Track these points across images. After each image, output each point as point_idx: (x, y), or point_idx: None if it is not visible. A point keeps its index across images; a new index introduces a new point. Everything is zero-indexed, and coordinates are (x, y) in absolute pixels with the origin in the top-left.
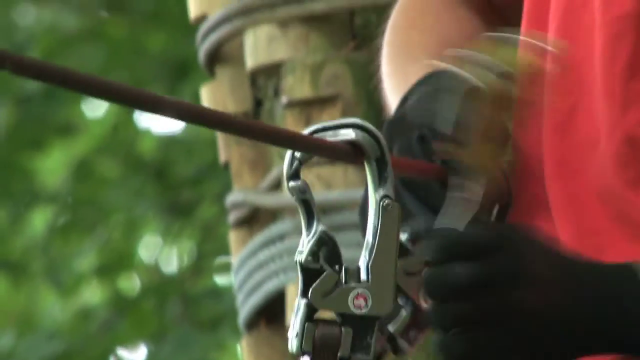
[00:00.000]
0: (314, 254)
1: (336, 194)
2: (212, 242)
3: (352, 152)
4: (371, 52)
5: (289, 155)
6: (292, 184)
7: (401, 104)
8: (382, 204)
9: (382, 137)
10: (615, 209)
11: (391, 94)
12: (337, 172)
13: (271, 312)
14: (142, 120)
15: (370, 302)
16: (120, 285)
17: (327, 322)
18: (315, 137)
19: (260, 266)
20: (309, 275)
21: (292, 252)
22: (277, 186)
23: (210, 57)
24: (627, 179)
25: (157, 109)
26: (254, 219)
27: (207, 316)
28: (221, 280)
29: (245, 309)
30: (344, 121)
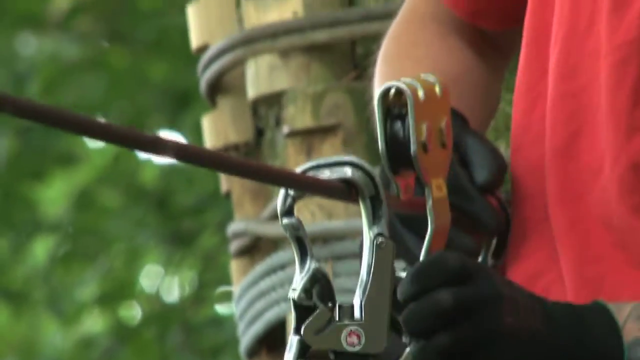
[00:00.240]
0: (307, 290)
1: (337, 224)
2: (213, 271)
3: (346, 190)
4: (370, 81)
5: (282, 192)
6: (285, 221)
7: None
8: (376, 242)
9: (377, 176)
10: (619, 236)
11: None
12: (338, 202)
13: (272, 341)
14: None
15: (363, 340)
16: (121, 314)
17: (320, 357)
18: (310, 175)
19: (261, 295)
20: (302, 312)
21: (293, 280)
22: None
23: (211, 86)
24: (632, 205)
25: (156, 149)
26: (255, 249)
27: (208, 345)
28: (222, 309)
29: (246, 338)
30: (339, 159)
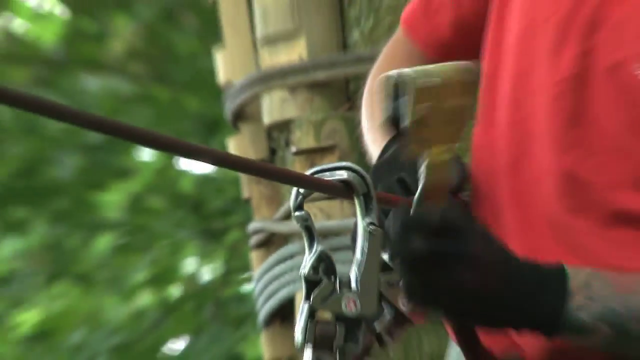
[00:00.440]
0: (315, 268)
1: (334, 223)
2: (237, 260)
3: (344, 189)
4: (360, 111)
5: (294, 191)
6: (297, 214)
7: (382, 154)
8: (369, 229)
9: (368, 177)
10: (557, 231)
11: (370, 145)
12: (335, 205)
13: (284, 314)
14: (182, 164)
15: (359, 306)
16: (166, 292)
17: (325, 321)
18: (315, 177)
19: (274, 278)
20: (311, 284)
21: (300, 267)
22: (288, 216)
23: (235, 115)
24: (567, 207)
25: (196, 155)
26: (270, 242)
27: (233, 317)
28: (244, 289)
29: (263, 311)
30: (338, 164)
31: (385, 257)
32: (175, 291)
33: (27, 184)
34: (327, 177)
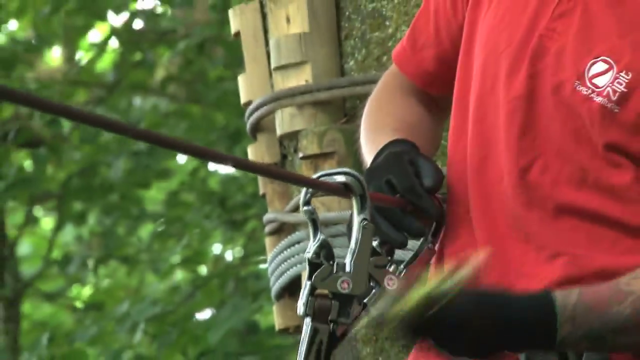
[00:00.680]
0: (317, 253)
1: (333, 214)
2: (254, 244)
3: (343, 190)
4: (355, 125)
5: (304, 191)
6: (305, 208)
7: (374, 160)
8: (362, 224)
9: (363, 180)
10: (514, 222)
11: (367, 154)
12: (334, 200)
13: (292, 289)
14: (210, 166)
15: (351, 285)
16: (196, 272)
17: (323, 296)
18: (320, 180)
19: (284, 260)
20: (313, 266)
21: (305, 251)
22: (296, 209)
23: (253, 128)
24: (522, 202)
25: (222, 161)
26: (281, 230)
27: (251, 291)
28: (260, 268)
29: (275, 287)
30: (338, 170)
31: (375, 243)
32: (203, 270)
33: (84, 183)
34: (329, 180)
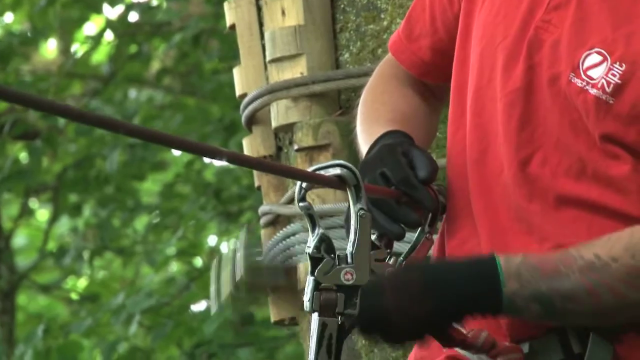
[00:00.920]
0: (317, 247)
1: (328, 207)
2: (250, 236)
3: (338, 182)
4: (351, 117)
5: (298, 185)
6: (300, 204)
7: (368, 152)
8: (359, 214)
9: (357, 172)
10: (515, 214)
11: (362, 145)
12: (329, 192)
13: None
14: (206, 158)
15: (355, 277)
16: (192, 263)
17: (328, 290)
18: (315, 173)
19: (280, 251)
20: (315, 261)
21: (300, 243)
22: (291, 201)
23: (249, 120)
24: (522, 194)
25: (216, 155)
26: (277, 222)
27: None
28: None
29: None
30: (333, 162)
31: (373, 237)
32: (199, 262)
33: (80, 175)
34: (324, 172)
